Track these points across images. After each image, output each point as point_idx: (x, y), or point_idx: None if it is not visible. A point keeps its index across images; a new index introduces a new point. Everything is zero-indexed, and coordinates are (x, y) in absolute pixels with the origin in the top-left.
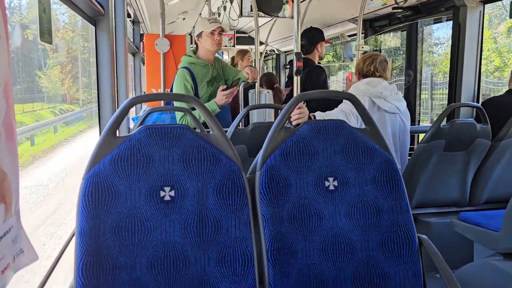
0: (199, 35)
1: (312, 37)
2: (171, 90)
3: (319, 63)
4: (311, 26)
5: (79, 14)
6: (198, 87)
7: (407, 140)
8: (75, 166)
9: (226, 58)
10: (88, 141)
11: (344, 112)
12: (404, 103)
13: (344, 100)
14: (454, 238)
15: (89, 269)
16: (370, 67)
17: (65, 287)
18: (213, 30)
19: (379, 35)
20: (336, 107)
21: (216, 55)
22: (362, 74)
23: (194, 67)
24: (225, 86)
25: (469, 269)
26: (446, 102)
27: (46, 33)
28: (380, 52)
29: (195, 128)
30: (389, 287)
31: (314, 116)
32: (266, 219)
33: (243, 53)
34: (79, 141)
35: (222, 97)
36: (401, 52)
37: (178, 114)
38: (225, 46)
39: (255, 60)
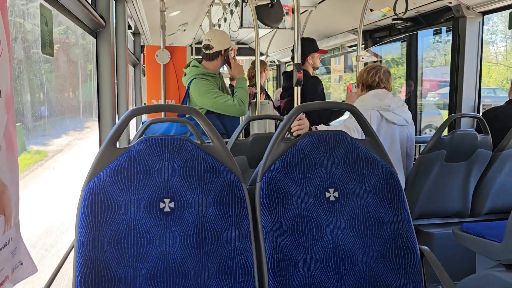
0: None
1: (302, 49)
2: (185, 99)
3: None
4: (303, 37)
5: (80, 26)
6: None
7: (413, 152)
8: None
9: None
10: None
11: (348, 127)
12: (410, 115)
13: (348, 114)
14: (456, 249)
15: (88, 281)
16: (375, 78)
17: None
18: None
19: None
20: (338, 117)
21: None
22: (367, 85)
23: (206, 78)
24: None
25: (472, 281)
26: None
27: (47, 46)
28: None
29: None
30: None
31: (316, 129)
32: (267, 230)
33: (263, 64)
34: None
35: (238, 67)
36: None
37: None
38: None
39: (255, 71)
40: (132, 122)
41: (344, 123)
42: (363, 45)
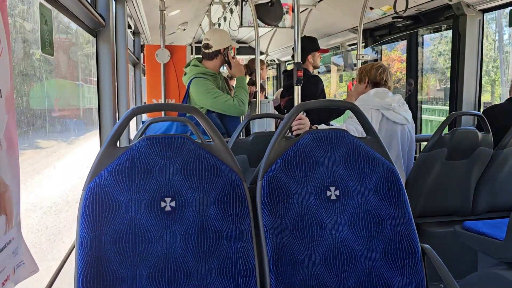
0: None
1: (302, 48)
2: (185, 98)
3: (319, 72)
4: (304, 35)
5: (80, 25)
6: None
7: (413, 150)
8: None
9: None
10: None
11: (348, 128)
12: (411, 113)
13: (349, 114)
14: (458, 248)
15: (89, 281)
16: (383, 76)
17: None
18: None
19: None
20: (337, 115)
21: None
22: (374, 82)
23: (206, 77)
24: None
25: (474, 279)
26: None
27: (47, 45)
28: None
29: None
30: None
31: (317, 128)
32: (268, 229)
33: (260, 63)
34: None
35: (238, 66)
36: None
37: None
38: None
39: (255, 69)
40: (133, 122)
41: (344, 123)
42: (363, 44)
